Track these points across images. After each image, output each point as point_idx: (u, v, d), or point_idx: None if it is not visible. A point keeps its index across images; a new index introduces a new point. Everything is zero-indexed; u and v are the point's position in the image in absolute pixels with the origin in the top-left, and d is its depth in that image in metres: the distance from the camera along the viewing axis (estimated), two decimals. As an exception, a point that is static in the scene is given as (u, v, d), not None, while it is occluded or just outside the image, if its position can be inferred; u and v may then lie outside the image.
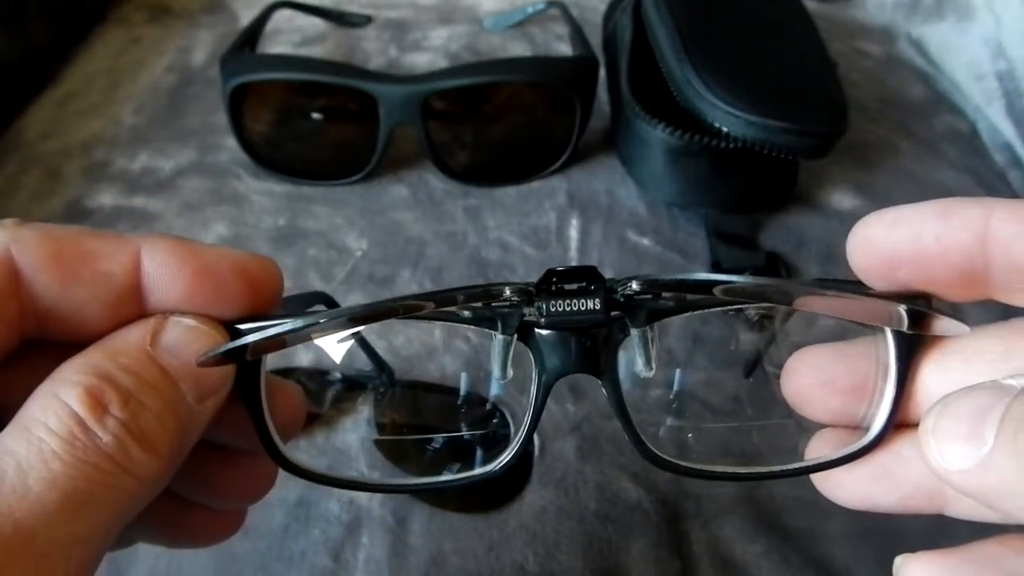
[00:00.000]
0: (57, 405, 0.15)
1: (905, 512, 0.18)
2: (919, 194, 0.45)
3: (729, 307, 0.19)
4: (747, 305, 0.19)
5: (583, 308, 0.19)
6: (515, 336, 0.19)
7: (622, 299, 0.19)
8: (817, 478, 0.19)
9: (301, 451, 0.31)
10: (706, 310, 0.19)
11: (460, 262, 0.40)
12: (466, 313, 0.19)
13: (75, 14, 0.58)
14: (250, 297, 0.18)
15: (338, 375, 0.32)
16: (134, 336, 0.17)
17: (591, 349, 0.19)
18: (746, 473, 0.20)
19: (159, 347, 0.17)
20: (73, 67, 0.54)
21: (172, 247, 0.17)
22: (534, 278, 0.19)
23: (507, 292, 0.18)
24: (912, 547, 0.28)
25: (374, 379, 0.31)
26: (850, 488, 0.19)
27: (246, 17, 0.58)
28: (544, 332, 0.19)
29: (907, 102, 0.53)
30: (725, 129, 0.38)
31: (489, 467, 0.19)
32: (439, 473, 0.21)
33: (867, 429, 0.18)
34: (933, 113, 0.52)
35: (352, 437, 0.31)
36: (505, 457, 0.19)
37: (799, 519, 0.29)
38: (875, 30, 0.61)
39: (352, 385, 0.32)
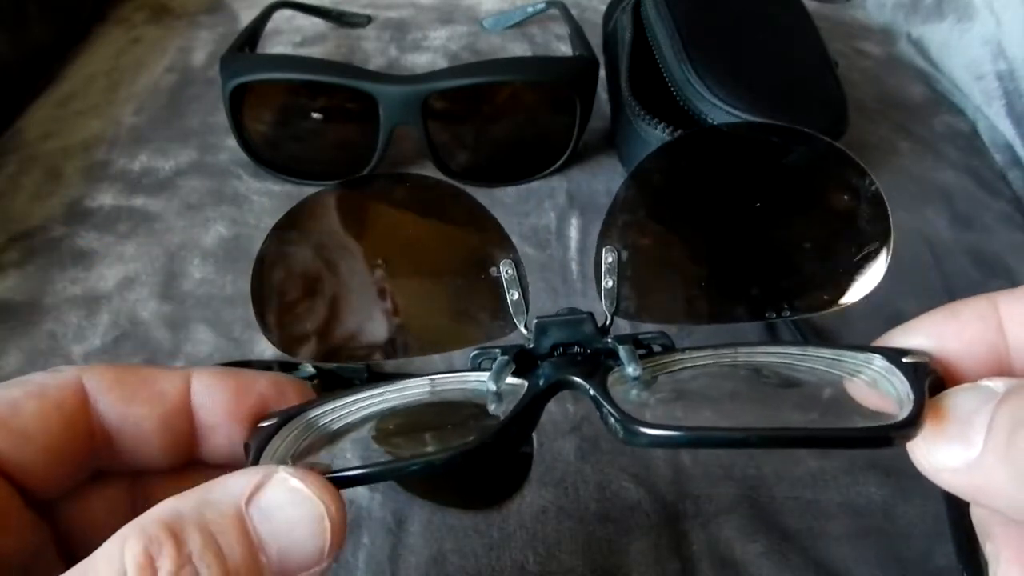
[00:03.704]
0: (116, 556, 0.14)
1: None
2: (919, 194, 0.45)
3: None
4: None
5: (575, 318, 0.20)
6: (513, 356, 0.19)
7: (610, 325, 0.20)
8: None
9: None
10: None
11: (460, 262, 0.40)
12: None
13: (75, 14, 0.58)
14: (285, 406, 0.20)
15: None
16: (236, 486, 0.16)
17: (580, 360, 0.19)
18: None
19: (254, 505, 0.15)
20: (73, 67, 0.54)
21: (217, 371, 0.20)
22: (534, 279, 0.20)
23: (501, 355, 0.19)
24: (912, 547, 0.29)
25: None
26: None
27: (246, 17, 0.58)
28: (542, 358, 0.20)
29: (907, 102, 0.53)
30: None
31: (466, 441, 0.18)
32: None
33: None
34: (933, 113, 0.52)
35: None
36: (483, 434, 0.18)
37: (799, 519, 0.29)
38: (875, 30, 0.61)
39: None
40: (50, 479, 0.19)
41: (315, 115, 0.45)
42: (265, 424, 0.19)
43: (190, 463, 0.20)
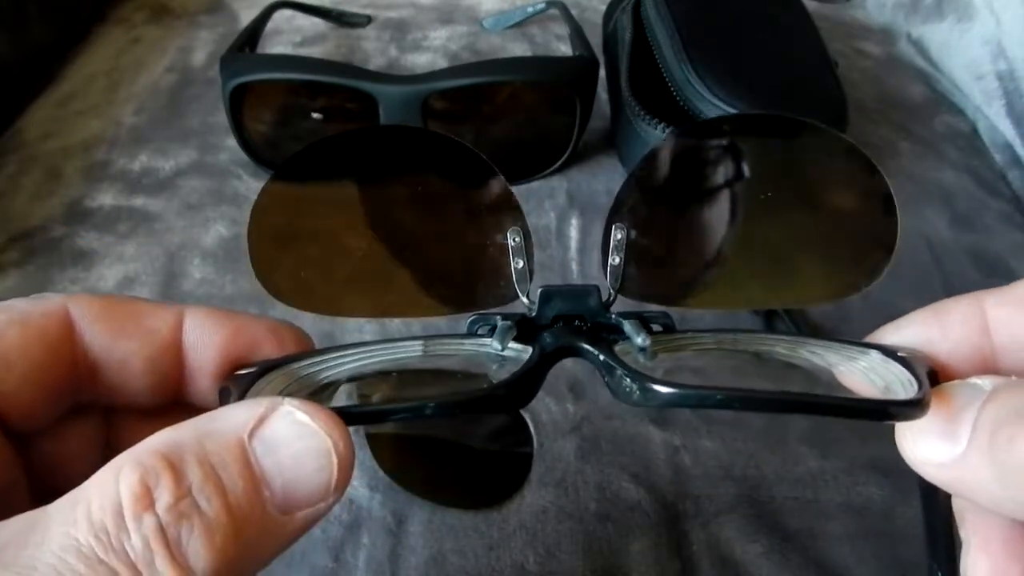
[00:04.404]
0: (111, 486, 0.13)
1: None
2: (919, 194, 0.45)
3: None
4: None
5: (580, 289, 0.20)
6: (516, 322, 0.19)
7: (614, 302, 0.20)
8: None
9: None
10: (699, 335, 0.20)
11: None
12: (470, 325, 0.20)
13: (75, 14, 0.58)
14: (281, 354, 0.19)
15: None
16: (238, 417, 0.15)
17: (583, 332, 0.19)
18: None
19: (257, 438, 0.15)
20: (73, 67, 0.54)
21: (211, 311, 0.19)
22: (534, 279, 0.20)
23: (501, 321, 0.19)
24: (912, 548, 0.29)
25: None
26: None
27: (246, 17, 0.58)
28: (543, 328, 0.20)
29: (907, 102, 0.53)
30: (725, 129, 0.38)
31: (477, 388, 0.18)
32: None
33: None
34: (933, 113, 0.52)
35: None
36: (492, 386, 0.17)
37: (799, 519, 0.29)
38: (875, 30, 0.61)
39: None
40: (30, 410, 0.18)
41: (315, 115, 0.45)
42: (243, 372, 0.18)
43: (173, 404, 0.19)
